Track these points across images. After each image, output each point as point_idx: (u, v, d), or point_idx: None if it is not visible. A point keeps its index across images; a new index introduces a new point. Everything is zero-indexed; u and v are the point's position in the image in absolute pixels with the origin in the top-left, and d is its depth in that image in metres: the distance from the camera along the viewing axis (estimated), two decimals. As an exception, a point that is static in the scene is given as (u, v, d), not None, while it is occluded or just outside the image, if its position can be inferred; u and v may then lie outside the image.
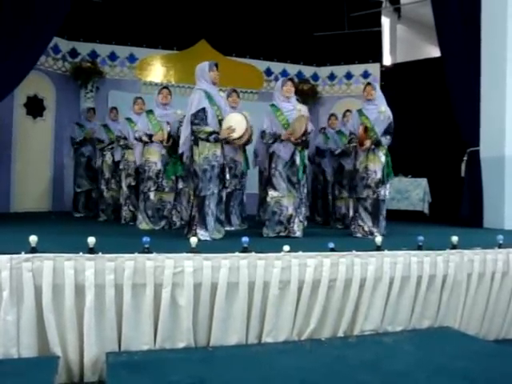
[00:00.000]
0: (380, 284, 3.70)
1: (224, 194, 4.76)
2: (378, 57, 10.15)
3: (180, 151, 4.65)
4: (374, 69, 10.06)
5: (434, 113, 8.62)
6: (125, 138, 6.38)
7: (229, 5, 9.41)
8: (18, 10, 5.75)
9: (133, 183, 6.28)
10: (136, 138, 5.71)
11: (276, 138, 4.90)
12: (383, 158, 5.17)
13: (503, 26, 6.35)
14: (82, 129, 7.53)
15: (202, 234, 4.39)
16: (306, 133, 4.86)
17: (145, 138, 5.63)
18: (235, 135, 4.60)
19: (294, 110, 4.94)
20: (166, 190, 5.67)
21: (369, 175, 5.15)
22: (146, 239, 3.24)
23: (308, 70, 10.38)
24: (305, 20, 10.01)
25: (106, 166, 6.94)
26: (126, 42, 9.26)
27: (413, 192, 8.05)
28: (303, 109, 5.01)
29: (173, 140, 5.58)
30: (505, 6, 6.34)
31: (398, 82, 9.40)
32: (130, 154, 6.34)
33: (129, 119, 6.44)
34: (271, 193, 4.91)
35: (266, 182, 5.14)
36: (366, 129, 5.09)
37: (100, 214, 6.95)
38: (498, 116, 6.37)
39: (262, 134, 5.06)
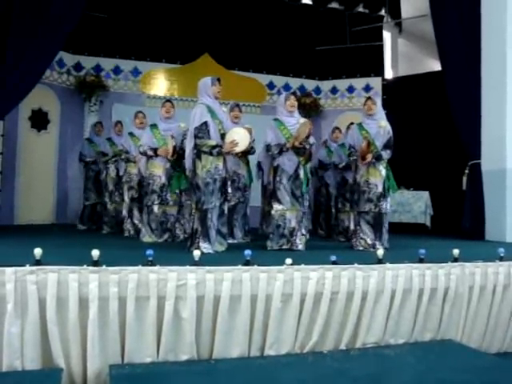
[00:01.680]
0: (382, 297, 3.71)
1: (226, 207, 4.78)
2: (379, 70, 10.21)
3: (186, 165, 4.68)
4: (375, 82, 10.12)
5: (435, 126, 8.66)
6: (127, 152, 6.43)
7: (232, 19, 9.51)
8: (25, 25, 5.83)
9: (135, 195, 6.32)
10: (141, 153, 5.74)
11: (282, 147, 4.93)
12: (383, 172, 5.20)
13: (503, 40, 6.41)
14: (91, 144, 7.58)
15: (205, 247, 4.41)
16: (309, 136, 4.90)
17: (150, 153, 5.66)
18: (238, 149, 4.65)
19: (297, 124, 4.97)
20: (170, 203, 5.69)
21: (370, 189, 5.17)
22: (149, 252, 3.27)
23: (310, 84, 10.44)
24: (307, 34, 10.12)
25: (109, 179, 6.97)
26: (130, 56, 9.34)
27: (414, 205, 8.07)
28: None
29: (177, 154, 5.61)
30: (504, 20, 6.41)
31: (400, 96, 9.46)
32: (132, 167, 6.39)
33: (131, 133, 6.50)
34: (276, 206, 4.93)
35: (270, 196, 5.16)
36: (368, 143, 5.12)
37: (103, 227, 6.98)
38: (499, 129, 6.40)
39: (268, 147, 5.08)
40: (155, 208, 5.63)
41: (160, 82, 9.59)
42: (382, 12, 10.38)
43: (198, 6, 9.32)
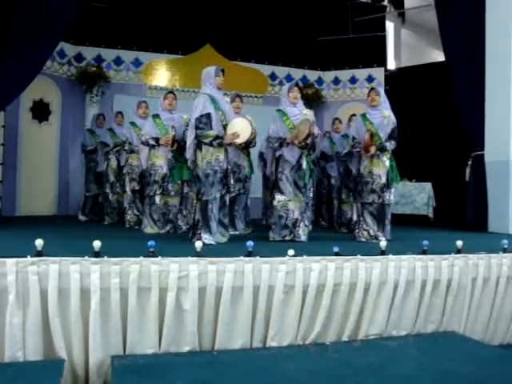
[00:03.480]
0: (384, 288, 3.71)
1: (227, 199, 4.75)
2: (382, 61, 10.15)
3: (187, 156, 4.65)
4: (378, 73, 10.07)
5: (438, 117, 8.61)
6: (130, 143, 6.41)
7: (233, 9, 9.44)
8: (26, 17, 5.80)
9: (137, 187, 6.31)
10: (143, 142, 5.72)
11: (282, 141, 4.90)
12: (387, 163, 5.16)
13: (508, 30, 6.34)
14: (93, 135, 7.57)
15: (207, 238, 4.39)
16: (309, 135, 4.84)
17: (152, 142, 5.64)
18: (239, 141, 4.62)
19: (300, 114, 4.93)
20: (172, 193, 5.67)
21: (374, 180, 5.14)
22: (151, 243, 3.26)
23: (312, 75, 10.40)
24: (309, 25, 10.04)
25: (110, 170, 6.95)
26: (132, 47, 9.30)
27: (417, 196, 8.03)
28: (309, 113, 5.02)
29: (178, 144, 5.58)
30: (509, 10, 6.34)
31: (403, 87, 9.40)
32: (133, 158, 6.37)
33: (133, 123, 6.46)
34: (278, 197, 4.91)
35: (272, 186, 5.13)
36: (371, 135, 5.09)
37: (105, 218, 6.98)
38: (502, 120, 6.36)
39: (269, 138, 5.07)
40: (157, 199, 5.62)
41: (161, 73, 9.55)
42: (385, 2, 10.31)
43: (199, -5, 9.27)
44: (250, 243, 3.45)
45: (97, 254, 3.11)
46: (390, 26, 10.77)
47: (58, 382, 2.63)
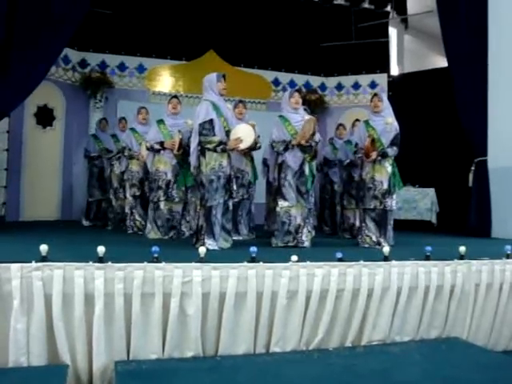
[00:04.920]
0: (388, 294, 3.70)
1: (231, 204, 4.75)
2: (385, 67, 10.16)
3: (191, 162, 4.67)
4: (381, 79, 10.08)
5: (441, 123, 8.61)
6: (130, 149, 6.43)
7: (237, 16, 9.48)
8: (30, 22, 5.82)
9: (137, 193, 6.33)
10: (148, 148, 5.73)
11: (287, 144, 4.91)
12: (389, 169, 5.17)
13: (511, 36, 6.35)
14: (97, 141, 7.59)
15: (210, 244, 4.40)
16: (314, 133, 4.87)
17: (157, 146, 5.65)
18: (242, 146, 4.63)
19: (302, 120, 4.96)
20: (176, 200, 5.68)
21: (375, 186, 5.15)
22: (155, 249, 3.27)
23: (316, 80, 10.41)
24: (312, 30, 10.07)
25: (114, 176, 6.98)
26: (135, 53, 9.34)
27: (420, 202, 8.03)
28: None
29: (183, 149, 5.60)
30: (512, 15, 6.36)
31: (406, 92, 9.41)
32: (133, 164, 6.40)
33: (132, 129, 6.49)
34: (281, 203, 4.92)
35: (275, 192, 5.15)
36: (373, 140, 5.10)
37: (108, 223, 7.00)
38: (506, 126, 6.35)
39: (273, 144, 5.08)
40: (161, 205, 5.63)
41: (165, 79, 9.58)
42: (388, 8, 10.33)
43: (203, 2, 9.29)
44: (253, 249, 3.45)
45: (101, 260, 3.13)
46: (392, 31, 10.78)
47: (62, 387, 2.65)
